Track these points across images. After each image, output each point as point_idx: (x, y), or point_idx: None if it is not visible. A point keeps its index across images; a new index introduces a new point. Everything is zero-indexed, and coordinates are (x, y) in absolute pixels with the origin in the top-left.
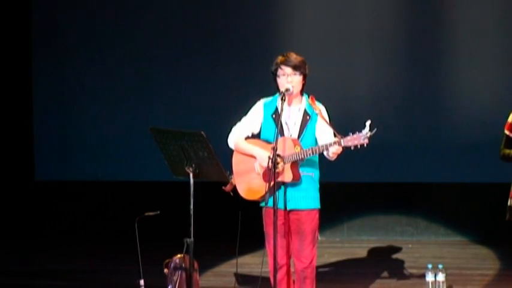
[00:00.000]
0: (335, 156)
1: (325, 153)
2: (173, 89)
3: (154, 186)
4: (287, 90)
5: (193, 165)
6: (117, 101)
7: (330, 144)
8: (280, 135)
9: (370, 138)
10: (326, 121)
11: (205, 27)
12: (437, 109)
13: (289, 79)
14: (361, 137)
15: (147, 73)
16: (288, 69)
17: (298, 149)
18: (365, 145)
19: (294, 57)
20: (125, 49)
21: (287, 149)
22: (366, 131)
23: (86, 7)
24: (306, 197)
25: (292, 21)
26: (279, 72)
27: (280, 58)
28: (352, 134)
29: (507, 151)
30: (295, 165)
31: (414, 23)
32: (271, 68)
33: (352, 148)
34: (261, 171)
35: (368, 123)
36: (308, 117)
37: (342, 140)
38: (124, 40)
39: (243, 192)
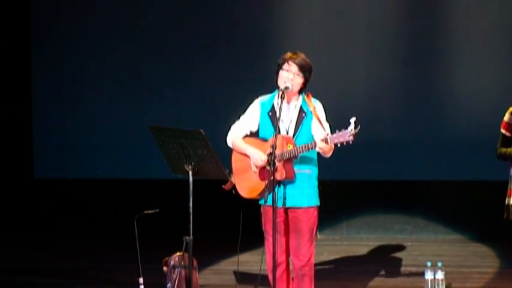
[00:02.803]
0: (329, 154)
1: (320, 150)
2: (172, 87)
3: (153, 184)
4: (286, 88)
5: (193, 163)
6: (116, 99)
7: (318, 142)
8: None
9: (355, 135)
10: (318, 118)
11: (204, 26)
12: (436, 107)
13: (290, 76)
14: (346, 134)
15: (146, 71)
16: (294, 67)
17: (291, 146)
18: (350, 142)
19: (303, 58)
20: (124, 48)
21: (281, 147)
22: (351, 128)
23: (85, 6)
24: (302, 194)
25: (292, 20)
26: (285, 66)
27: (290, 54)
28: (339, 131)
29: (503, 150)
30: (288, 163)
31: (413, 22)
32: (278, 61)
33: (338, 145)
34: (257, 170)
35: (353, 120)
36: (304, 115)
37: (328, 138)
38: (123, 39)
39: (241, 190)
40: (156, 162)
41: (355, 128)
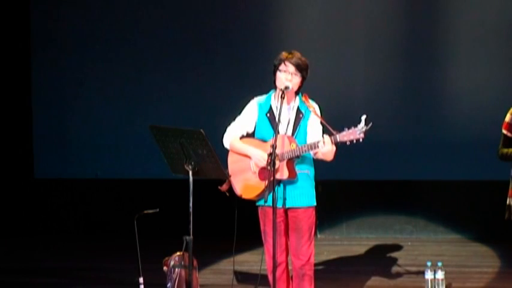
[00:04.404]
0: (331, 157)
1: (313, 151)
2: (172, 87)
3: (153, 184)
4: (286, 88)
5: (193, 163)
6: (116, 99)
7: (323, 141)
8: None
9: (365, 133)
10: (319, 117)
11: (203, 26)
12: (435, 107)
13: (289, 77)
14: (356, 132)
15: (146, 71)
16: (291, 67)
17: (294, 146)
18: (361, 140)
19: (299, 57)
20: (123, 48)
21: (283, 146)
22: (362, 125)
23: (85, 6)
24: (302, 194)
25: (291, 20)
26: (282, 67)
27: (286, 54)
28: (348, 129)
29: (505, 150)
30: (291, 162)
31: (412, 21)
32: (274, 62)
33: (348, 143)
34: (256, 170)
35: (363, 117)
36: (301, 115)
37: (337, 135)
38: (123, 39)
39: (239, 191)
40: (156, 162)
41: (366, 125)
